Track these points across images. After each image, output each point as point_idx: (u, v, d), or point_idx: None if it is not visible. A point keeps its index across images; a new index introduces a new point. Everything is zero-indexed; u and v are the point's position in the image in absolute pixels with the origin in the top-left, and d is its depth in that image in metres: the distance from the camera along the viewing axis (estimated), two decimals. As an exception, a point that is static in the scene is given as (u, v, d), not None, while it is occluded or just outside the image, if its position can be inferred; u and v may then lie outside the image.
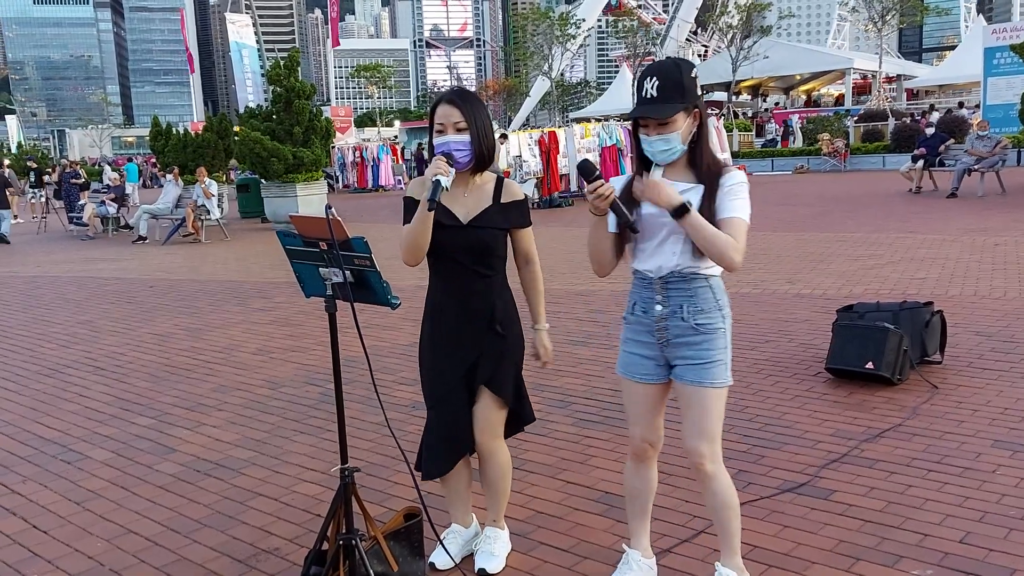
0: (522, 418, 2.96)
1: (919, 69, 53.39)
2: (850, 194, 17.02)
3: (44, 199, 20.81)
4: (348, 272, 2.52)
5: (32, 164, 26.20)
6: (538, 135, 18.56)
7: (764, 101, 49.15)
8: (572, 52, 57.77)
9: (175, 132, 21.24)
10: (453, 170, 2.61)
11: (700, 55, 54.61)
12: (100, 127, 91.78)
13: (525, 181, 17.36)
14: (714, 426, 2.51)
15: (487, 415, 2.83)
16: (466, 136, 2.66)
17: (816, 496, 3.42)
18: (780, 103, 48.58)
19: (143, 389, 5.58)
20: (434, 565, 2.98)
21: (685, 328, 2.48)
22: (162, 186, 18.44)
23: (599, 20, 68.17)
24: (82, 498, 3.81)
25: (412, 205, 2.72)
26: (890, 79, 45.91)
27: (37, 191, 23.45)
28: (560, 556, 3.04)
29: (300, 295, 8.71)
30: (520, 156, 17.65)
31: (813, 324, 6.31)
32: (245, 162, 16.78)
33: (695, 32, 57.59)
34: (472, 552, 3.03)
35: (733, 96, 43.15)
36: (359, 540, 2.61)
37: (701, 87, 2.47)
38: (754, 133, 33.23)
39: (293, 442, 4.40)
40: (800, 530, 3.14)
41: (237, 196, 19.80)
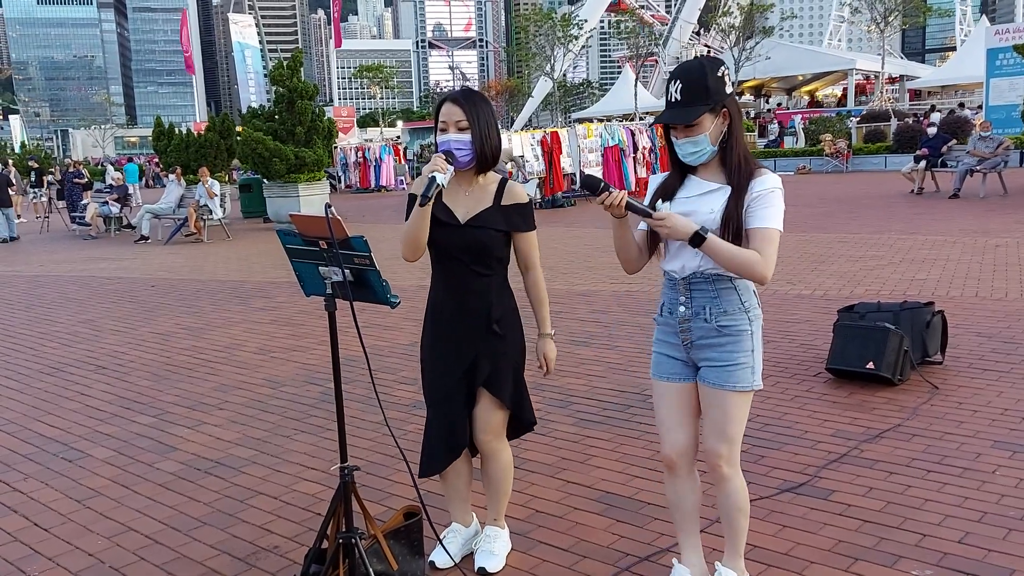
0: (521, 422, 2.93)
1: (922, 70, 53.37)
2: (852, 195, 17.01)
3: (47, 199, 20.84)
4: (347, 271, 2.53)
5: (34, 164, 26.23)
6: (540, 135, 18.56)
7: (767, 102, 49.16)
8: (574, 53, 57.79)
9: (178, 132, 21.27)
10: (451, 168, 2.61)
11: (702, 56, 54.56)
12: (103, 127, 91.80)
13: (527, 181, 17.37)
14: (734, 429, 2.46)
15: (487, 416, 2.83)
16: (467, 135, 2.67)
17: (816, 496, 3.42)
18: (782, 104, 48.59)
19: (144, 388, 5.59)
20: (434, 564, 2.98)
21: (708, 330, 2.43)
22: (165, 186, 18.47)
23: (601, 21, 68.18)
24: (83, 496, 3.82)
25: (414, 201, 2.74)
26: (893, 80, 45.90)
27: (38, 190, 23.49)
28: (560, 555, 3.05)
29: (301, 294, 8.72)
30: (523, 156, 17.66)
31: (814, 324, 6.31)
32: (247, 162, 16.82)
33: (698, 33, 57.58)
34: (472, 551, 3.04)
35: (736, 97, 43.14)
36: (359, 539, 2.61)
37: (733, 84, 2.41)
38: (756, 134, 33.23)
39: (294, 441, 4.41)
40: (799, 530, 3.14)
41: (239, 196, 19.83)
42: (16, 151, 59.73)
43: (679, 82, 2.33)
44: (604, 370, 5.42)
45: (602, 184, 2.33)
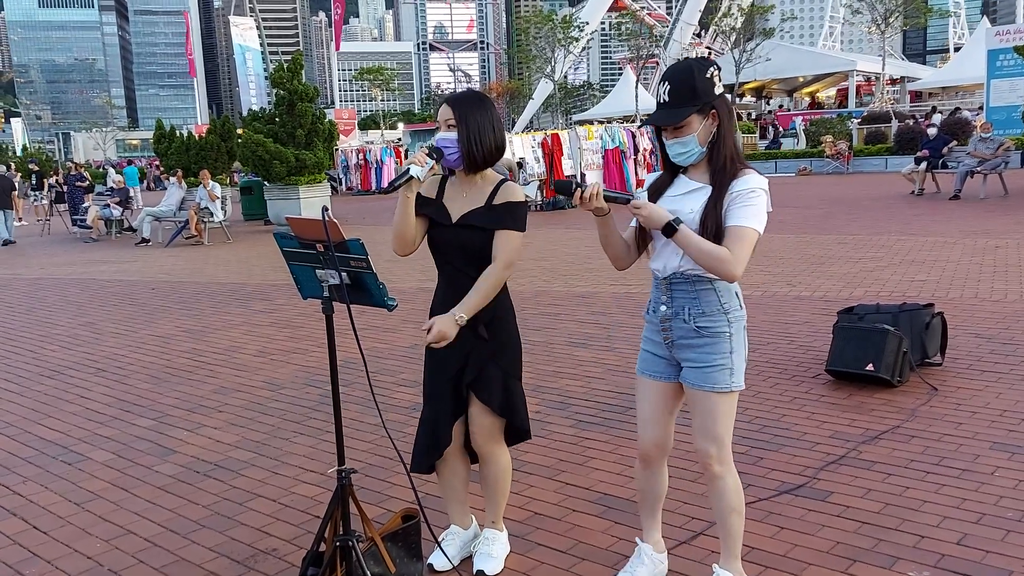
0: (514, 428, 2.89)
1: (923, 71, 53.37)
2: (852, 196, 17.00)
3: (48, 203, 20.87)
4: (344, 274, 2.53)
5: (34, 167, 26.28)
6: (541, 137, 18.58)
7: (768, 103, 49.18)
8: (575, 55, 57.81)
9: (179, 135, 21.30)
10: (431, 162, 2.64)
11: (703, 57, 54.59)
12: (104, 130, 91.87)
13: (528, 183, 17.38)
14: (720, 429, 2.48)
15: (480, 420, 2.83)
16: (454, 134, 2.70)
17: (814, 498, 3.42)
18: (783, 105, 48.60)
19: (144, 391, 5.59)
20: (432, 567, 2.98)
21: (687, 330, 2.46)
22: (165, 189, 18.49)
23: (602, 22, 68.24)
24: (82, 499, 3.82)
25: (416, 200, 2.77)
26: (893, 81, 45.89)
27: (38, 193, 23.53)
28: (558, 557, 3.05)
29: (301, 297, 8.73)
30: (524, 159, 17.67)
31: (813, 326, 6.31)
32: (248, 164, 16.84)
33: (698, 34, 57.59)
34: (470, 553, 3.04)
35: (737, 98, 43.16)
36: (356, 541, 2.61)
37: (724, 85, 2.45)
38: (757, 135, 33.25)
39: (293, 443, 4.41)
40: (797, 531, 3.14)
41: (240, 198, 19.86)
42: (18, 154, 59.82)
43: (667, 83, 2.37)
44: (602, 372, 5.42)
45: (574, 183, 2.40)
